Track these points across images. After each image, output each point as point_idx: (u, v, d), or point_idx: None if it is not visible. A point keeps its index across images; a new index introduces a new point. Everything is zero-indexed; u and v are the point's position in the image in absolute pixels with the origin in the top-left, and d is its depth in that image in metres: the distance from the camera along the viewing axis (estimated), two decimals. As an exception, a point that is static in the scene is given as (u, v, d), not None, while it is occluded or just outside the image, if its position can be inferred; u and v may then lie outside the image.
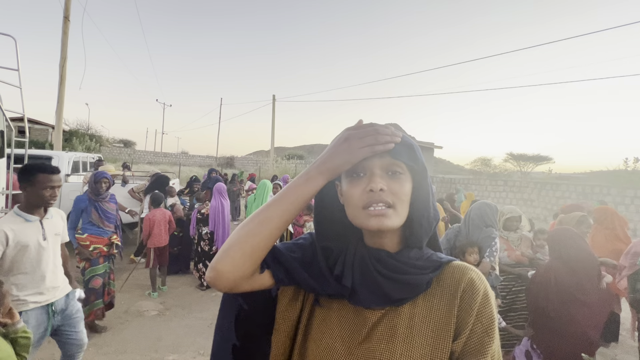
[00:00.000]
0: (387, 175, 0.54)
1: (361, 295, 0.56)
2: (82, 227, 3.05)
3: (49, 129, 20.12)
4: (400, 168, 0.54)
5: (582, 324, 1.91)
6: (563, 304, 1.96)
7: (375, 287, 0.55)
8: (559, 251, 2.11)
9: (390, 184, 0.53)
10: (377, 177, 0.53)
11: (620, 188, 11.62)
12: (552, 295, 2.00)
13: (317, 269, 0.60)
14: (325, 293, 0.59)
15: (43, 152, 5.47)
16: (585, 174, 20.04)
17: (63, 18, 8.33)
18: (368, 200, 0.52)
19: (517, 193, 14.15)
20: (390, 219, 0.52)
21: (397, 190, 0.53)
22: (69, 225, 2.89)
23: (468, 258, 2.23)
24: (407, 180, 0.55)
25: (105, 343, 2.80)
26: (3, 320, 1.26)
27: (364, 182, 0.54)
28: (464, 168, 22.26)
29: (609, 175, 15.17)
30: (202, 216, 4.23)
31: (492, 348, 0.51)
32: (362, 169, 0.54)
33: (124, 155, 25.74)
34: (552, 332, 1.99)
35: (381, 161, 0.53)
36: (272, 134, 20.87)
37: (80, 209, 3.05)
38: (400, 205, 0.53)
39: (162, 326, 3.18)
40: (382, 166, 0.54)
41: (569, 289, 1.96)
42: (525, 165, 19.43)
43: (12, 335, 1.27)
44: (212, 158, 30.83)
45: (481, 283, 0.54)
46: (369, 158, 0.53)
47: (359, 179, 0.55)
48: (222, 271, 0.55)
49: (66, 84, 8.26)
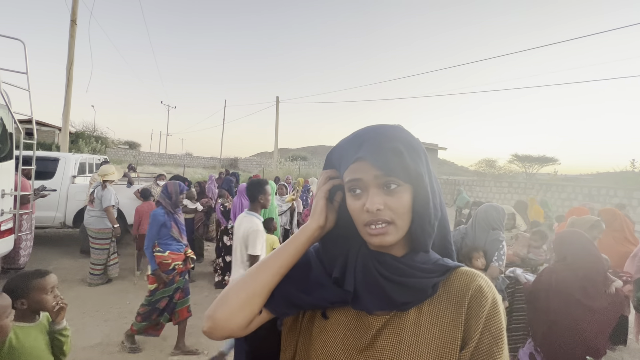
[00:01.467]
0: (383, 191, 0.52)
1: (364, 300, 0.54)
2: (161, 244, 2.75)
3: (56, 130, 20.36)
4: (394, 181, 0.52)
5: (587, 330, 1.88)
6: (566, 307, 1.93)
7: (378, 291, 0.53)
8: (564, 253, 2.07)
9: (387, 201, 0.52)
10: (372, 197, 0.52)
11: (627, 190, 11.47)
12: (553, 298, 1.97)
13: (315, 280, 0.59)
14: (327, 303, 0.58)
15: (50, 154, 5.54)
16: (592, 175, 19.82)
17: (70, 22, 8.45)
18: (367, 219, 0.52)
19: (522, 195, 14.02)
20: (391, 236, 0.52)
21: (394, 206, 0.52)
22: (148, 243, 2.70)
23: (475, 263, 2.21)
24: (404, 191, 0.53)
25: (111, 343, 2.83)
26: (52, 314, 1.41)
27: (362, 199, 0.53)
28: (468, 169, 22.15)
29: (615, 176, 14.98)
30: (224, 209, 4.54)
31: (502, 359, 0.49)
32: (358, 186, 0.54)
33: (129, 156, 25.96)
34: (554, 335, 1.97)
35: (374, 179, 0.52)
36: (275, 136, 20.92)
37: (159, 224, 2.75)
38: (399, 219, 0.52)
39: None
40: (376, 184, 0.52)
41: (572, 293, 1.92)
42: (531, 166, 19.26)
43: (52, 333, 1.41)
44: (216, 159, 30.97)
45: (490, 290, 0.53)
46: (361, 176, 0.53)
47: (358, 196, 0.54)
48: (219, 319, 0.55)
49: (73, 86, 8.37)
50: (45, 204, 4.90)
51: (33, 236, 4.21)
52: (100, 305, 3.50)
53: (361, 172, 0.53)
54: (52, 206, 5.11)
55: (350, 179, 0.54)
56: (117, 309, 3.44)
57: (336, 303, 0.58)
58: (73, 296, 3.68)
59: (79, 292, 3.81)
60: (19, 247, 3.92)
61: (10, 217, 3.49)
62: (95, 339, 2.86)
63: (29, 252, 4.12)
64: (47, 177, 5.11)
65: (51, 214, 5.13)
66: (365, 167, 0.53)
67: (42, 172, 5.02)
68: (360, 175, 0.53)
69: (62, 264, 4.67)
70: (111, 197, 4.11)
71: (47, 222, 5.16)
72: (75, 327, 3.04)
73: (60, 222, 5.23)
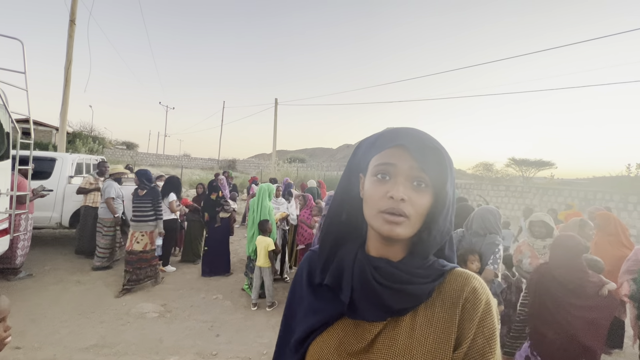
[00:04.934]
0: (412, 185, 0.53)
1: (361, 310, 0.54)
2: None
3: (53, 130, 20.23)
4: (424, 179, 0.52)
5: (580, 331, 1.89)
6: (556, 308, 1.96)
7: (375, 299, 0.53)
8: (550, 255, 2.19)
9: (412, 196, 0.52)
10: (400, 186, 0.52)
11: (622, 194, 11.55)
12: (538, 295, 2.07)
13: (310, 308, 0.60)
14: (327, 323, 0.58)
15: (47, 154, 5.51)
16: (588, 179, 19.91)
17: (69, 21, 8.42)
18: (387, 206, 0.52)
19: (519, 198, 14.09)
20: (403, 229, 0.52)
21: (417, 203, 0.52)
22: None
23: (470, 266, 2.22)
24: (429, 193, 0.53)
25: (106, 344, 2.80)
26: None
27: (387, 186, 0.53)
28: (466, 173, 22.16)
29: (611, 181, 15.06)
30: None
31: (494, 359, 0.50)
32: (388, 173, 0.54)
33: (127, 157, 25.84)
34: (548, 335, 1.98)
35: (409, 169, 0.52)
36: (274, 137, 20.92)
37: None
38: (415, 217, 0.52)
39: (163, 328, 3.17)
40: (408, 175, 0.53)
41: (550, 288, 2.01)
42: (528, 170, 19.32)
43: None
44: (214, 161, 30.88)
45: (484, 292, 0.54)
46: (396, 162, 0.53)
47: (384, 181, 0.54)
48: None
49: (71, 86, 8.33)
50: (41, 204, 4.87)
51: (30, 236, 4.18)
52: (96, 306, 3.47)
53: (397, 158, 0.53)
54: (49, 206, 5.07)
55: (382, 162, 0.54)
56: (113, 311, 3.42)
57: (334, 319, 0.58)
58: (69, 297, 3.65)
59: (75, 293, 3.78)
60: (17, 247, 3.89)
61: (6, 217, 3.46)
62: (91, 340, 2.84)
63: (26, 252, 4.09)
64: (44, 177, 5.08)
65: (47, 214, 5.09)
66: (402, 155, 0.53)
67: (39, 172, 4.99)
68: (395, 161, 0.53)
69: (58, 265, 4.64)
70: (111, 190, 4.53)
71: (43, 222, 5.11)
72: (70, 328, 3.02)
73: (56, 222, 5.19)
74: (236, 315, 3.55)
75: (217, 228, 4.74)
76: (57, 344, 2.76)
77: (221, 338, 3.08)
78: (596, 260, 2.44)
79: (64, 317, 3.22)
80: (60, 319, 3.18)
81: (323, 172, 21.62)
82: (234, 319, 3.46)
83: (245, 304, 3.84)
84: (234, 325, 3.33)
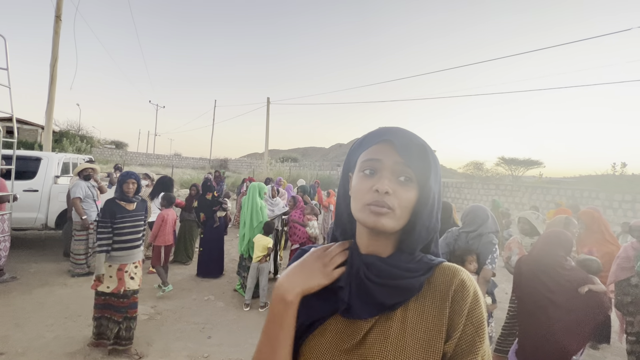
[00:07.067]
0: (397, 180, 0.54)
1: (355, 309, 0.55)
2: None
3: (39, 129, 19.75)
4: (409, 174, 0.54)
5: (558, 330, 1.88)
6: (533, 305, 1.97)
7: (368, 297, 0.54)
8: (530, 249, 2.22)
9: (397, 189, 0.54)
10: (385, 180, 0.54)
11: (608, 192, 11.85)
12: (519, 285, 2.10)
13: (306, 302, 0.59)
14: (320, 319, 0.58)
15: (32, 153, 5.35)
16: (575, 178, 20.39)
17: (55, 17, 8.22)
18: (372, 199, 0.53)
19: (508, 197, 14.32)
20: (388, 220, 0.53)
21: (402, 197, 0.54)
22: None
23: (468, 267, 2.23)
24: (414, 188, 0.55)
25: (94, 349, 2.73)
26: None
27: (373, 180, 0.55)
28: (456, 172, 22.45)
29: (597, 179, 15.45)
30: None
31: (483, 348, 0.51)
32: (374, 168, 0.56)
33: (116, 156, 25.39)
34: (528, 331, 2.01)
35: (394, 164, 0.54)
36: (266, 137, 20.82)
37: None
38: (400, 210, 0.54)
39: (153, 330, 3.12)
40: (393, 170, 0.55)
41: (530, 281, 2.01)
42: (517, 169, 19.68)
43: None
44: (205, 160, 30.57)
45: (471, 284, 0.55)
46: (382, 157, 0.55)
47: (370, 176, 0.55)
48: None
49: (57, 84, 8.13)
50: (26, 204, 4.74)
51: (10, 237, 4.06)
52: (82, 309, 3.39)
53: (382, 153, 0.55)
54: (34, 207, 4.94)
55: (368, 158, 0.56)
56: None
57: (326, 317, 0.58)
58: (55, 300, 3.55)
59: (62, 296, 3.69)
60: (-1, 249, 3.78)
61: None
62: (78, 345, 2.77)
63: (6, 253, 3.97)
64: (29, 177, 4.94)
65: (32, 215, 4.96)
66: (388, 151, 0.55)
67: (24, 171, 4.85)
68: (381, 157, 0.55)
69: (44, 267, 4.52)
70: (77, 190, 4.27)
71: (28, 223, 4.97)
72: (56, 332, 2.94)
73: (41, 223, 5.04)
74: (228, 317, 3.51)
75: (213, 228, 4.69)
76: (43, 349, 2.68)
77: (213, 340, 3.04)
78: (591, 259, 2.35)
79: (50, 321, 3.13)
80: (45, 322, 3.09)
81: (316, 171, 21.62)
82: (226, 320, 3.42)
83: (238, 304, 3.80)
84: (226, 327, 3.29)
